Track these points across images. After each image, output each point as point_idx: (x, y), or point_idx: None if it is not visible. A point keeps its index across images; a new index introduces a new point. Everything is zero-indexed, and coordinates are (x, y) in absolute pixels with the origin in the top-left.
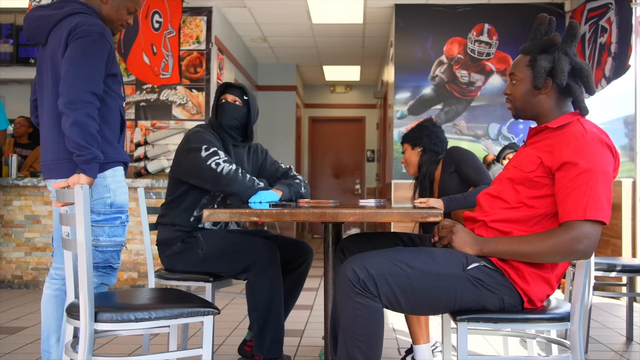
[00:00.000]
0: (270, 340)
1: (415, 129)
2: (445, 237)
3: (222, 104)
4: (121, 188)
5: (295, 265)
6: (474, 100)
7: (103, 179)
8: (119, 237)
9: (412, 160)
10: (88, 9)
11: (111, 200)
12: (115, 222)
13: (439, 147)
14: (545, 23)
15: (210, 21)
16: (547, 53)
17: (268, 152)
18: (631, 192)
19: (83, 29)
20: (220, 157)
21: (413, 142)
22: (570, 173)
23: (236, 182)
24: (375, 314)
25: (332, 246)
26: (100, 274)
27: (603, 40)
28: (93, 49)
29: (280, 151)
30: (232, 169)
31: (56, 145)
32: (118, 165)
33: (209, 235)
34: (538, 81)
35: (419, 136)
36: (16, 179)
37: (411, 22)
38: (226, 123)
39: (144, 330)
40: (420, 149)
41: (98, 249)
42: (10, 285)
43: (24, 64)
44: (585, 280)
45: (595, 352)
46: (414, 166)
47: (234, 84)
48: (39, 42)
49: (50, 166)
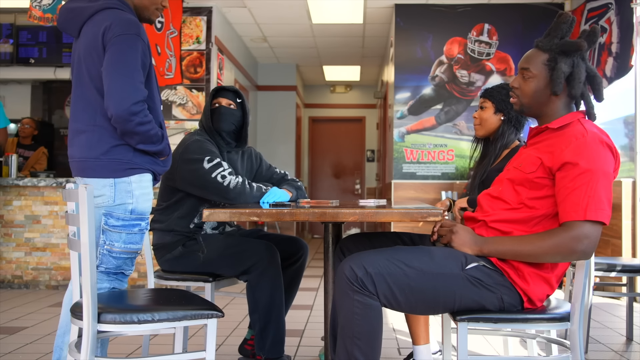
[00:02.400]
0: (272, 340)
1: (508, 92)
2: (445, 236)
3: (217, 108)
4: (145, 195)
5: (291, 261)
6: (474, 100)
7: (128, 184)
8: (134, 245)
9: (490, 122)
10: (121, 4)
11: (132, 207)
12: (134, 229)
13: (520, 124)
14: (567, 22)
15: (210, 21)
16: (567, 56)
17: (263, 157)
18: (631, 192)
19: (116, 32)
20: (224, 168)
21: (499, 105)
22: (570, 173)
23: (244, 195)
24: (373, 312)
25: (332, 246)
26: (111, 279)
27: (602, 40)
28: (132, 55)
29: (280, 151)
30: (238, 182)
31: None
32: (145, 172)
33: (209, 239)
34: (557, 87)
35: (508, 102)
36: (16, 179)
37: (411, 22)
38: (223, 128)
39: (146, 332)
40: (504, 117)
41: (112, 254)
42: (10, 285)
43: (24, 64)
44: (585, 280)
45: (595, 352)
46: (488, 129)
47: (227, 87)
48: (71, 34)
49: (86, 164)
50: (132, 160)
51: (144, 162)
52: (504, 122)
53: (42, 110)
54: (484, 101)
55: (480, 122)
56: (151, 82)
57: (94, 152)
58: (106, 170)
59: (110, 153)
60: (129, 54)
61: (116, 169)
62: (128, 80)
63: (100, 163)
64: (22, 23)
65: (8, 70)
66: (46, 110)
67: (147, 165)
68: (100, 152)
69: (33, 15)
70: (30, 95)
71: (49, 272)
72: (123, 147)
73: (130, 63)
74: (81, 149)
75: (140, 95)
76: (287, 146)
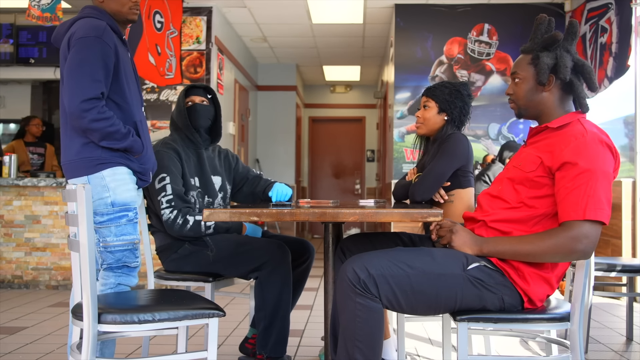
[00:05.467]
0: (275, 339)
1: (451, 92)
2: (445, 236)
3: (192, 106)
4: (123, 186)
5: (298, 263)
6: (474, 101)
7: (101, 179)
8: (128, 235)
9: (433, 122)
10: (97, 12)
11: (112, 200)
12: (121, 220)
13: (462, 124)
14: (545, 23)
15: (210, 21)
16: (549, 50)
17: (239, 157)
18: (631, 192)
19: (76, 36)
20: (165, 194)
21: (442, 105)
22: (570, 173)
23: (172, 230)
24: (375, 314)
25: (332, 246)
26: (116, 274)
27: (604, 40)
28: (86, 55)
29: (280, 151)
30: (170, 218)
31: (66, 146)
32: (117, 166)
33: (217, 237)
34: (542, 76)
35: (452, 102)
36: (16, 179)
37: (411, 22)
38: (201, 124)
39: (147, 332)
40: (448, 117)
41: (108, 250)
42: (10, 285)
43: (24, 64)
44: (585, 280)
45: (595, 352)
46: (431, 128)
47: (197, 84)
48: (58, 46)
49: (66, 166)
50: (101, 156)
51: (113, 156)
52: (447, 122)
53: (42, 110)
54: (428, 100)
55: (424, 121)
56: (120, 83)
57: (69, 154)
58: (79, 169)
59: (80, 152)
60: (84, 54)
61: (87, 165)
62: (79, 79)
63: (74, 164)
64: (22, 23)
65: (8, 70)
66: (46, 110)
67: (117, 159)
68: (73, 153)
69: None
70: (30, 95)
71: (49, 272)
72: (90, 145)
73: (84, 63)
74: (62, 152)
75: (92, 92)
76: (287, 146)
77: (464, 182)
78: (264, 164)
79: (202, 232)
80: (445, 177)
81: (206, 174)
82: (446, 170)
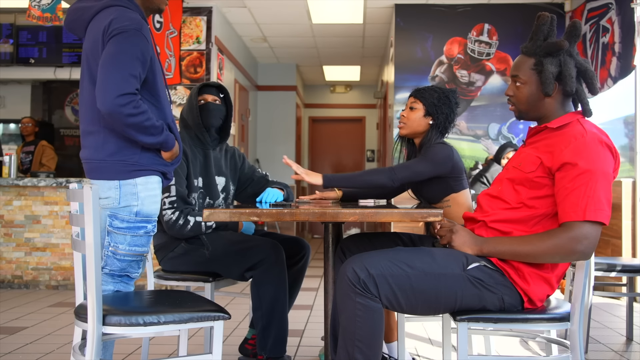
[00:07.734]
0: (274, 339)
1: (440, 97)
2: (445, 236)
3: (204, 105)
4: (152, 197)
5: (294, 261)
6: (474, 100)
7: (133, 186)
8: (140, 248)
9: (417, 124)
10: (125, 1)
11: (138, 209)
12: (139, 231)
13: (446, 131)
14: (547, 23)
15: (210, 21)
16: (552, 56)
17: (245, 157)
18: (631, 192)
19: (117, 26)
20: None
21: (429, 108)
22: (570, 174)
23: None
24: (375, 314)
25: (332, 246)
26: (116, 281)
27: (606, 40)
28: (126, 47)
29: (280, 151)
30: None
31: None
32: (152, 174)
33: (212, 236)
34: (548, 88)
35: (439, 107)
36: (16, 179)
37: (411, 22)
38: (213, 124)
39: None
40: (433, 121)
41: (116, 257)
42: (10, 285)
43: (24, 64)
44: (585, 280)
45: (595, 352)
46: (414, 130)
47: (210, 83)
48: (78, 35)
49: (93, 165)
50: (138, 162)
51: (150, 163)
52: (432, 126)
53: (42, 110)
54: (415, 101)
55: (407, 121)
56: (155, 81)
57: (100, 154)
58: (111, 172)
59: (116, 155)
60: (123, 48)
61: (121, 170)
62: (116, 73)
63: (105, 165)
64: (22, 23)
65: (8, 70)
66: (46, 110)
67: (154, 166)
68: (106, 154)
69: (32, 15)
70: (30, 95)
71: (49, 272)
72: (129, 149)
73: (122, 57)
74: (89, 150)
75: (129, 87)
76: (287, 146)
77: (456, 187)
78: (264, 164)
79: (202, 232)
80: (421, 176)
81: (210, 174)
82: (425, 172)
